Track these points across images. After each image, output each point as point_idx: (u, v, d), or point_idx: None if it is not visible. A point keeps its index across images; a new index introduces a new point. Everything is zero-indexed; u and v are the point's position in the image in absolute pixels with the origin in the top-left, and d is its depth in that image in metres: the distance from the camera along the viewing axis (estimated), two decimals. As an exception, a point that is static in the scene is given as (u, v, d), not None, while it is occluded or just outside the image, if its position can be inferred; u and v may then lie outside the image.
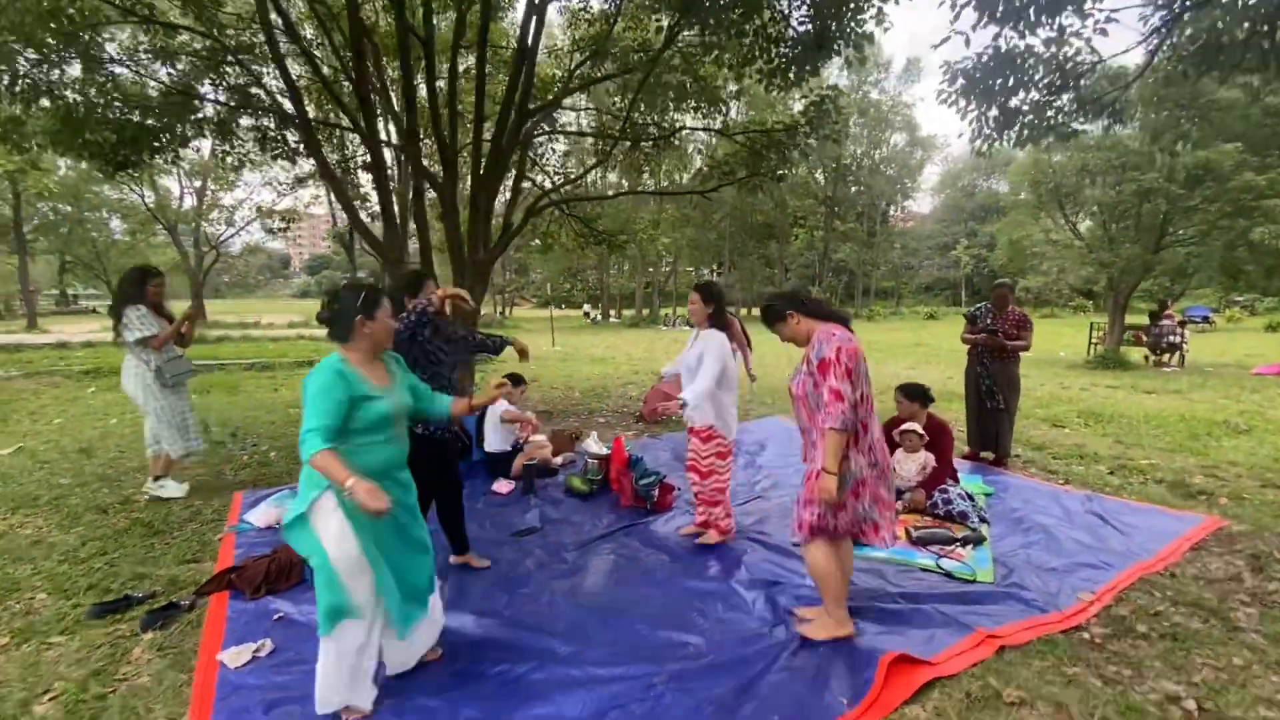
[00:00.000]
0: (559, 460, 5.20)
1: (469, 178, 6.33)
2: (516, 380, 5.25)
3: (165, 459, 4.27)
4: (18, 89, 5.11)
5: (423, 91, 6.10)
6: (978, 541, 3.58)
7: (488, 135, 5.72)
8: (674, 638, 2.65)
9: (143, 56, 6.16)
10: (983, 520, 3.89)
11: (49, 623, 2.72)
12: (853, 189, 41.72)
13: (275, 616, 2.81)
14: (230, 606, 2.88)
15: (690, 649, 2.56)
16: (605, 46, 6.57)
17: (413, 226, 5.82)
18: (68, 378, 9.62)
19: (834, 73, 38.79)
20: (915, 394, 4.22)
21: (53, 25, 4.94)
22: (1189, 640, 2.66)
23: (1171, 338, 12.92)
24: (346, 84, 5.90)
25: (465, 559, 3.31)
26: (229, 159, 6.72)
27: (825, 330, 2.42)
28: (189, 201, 25.58)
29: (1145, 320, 13.90)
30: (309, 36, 6.65)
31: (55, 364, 10.23)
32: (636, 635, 2.68)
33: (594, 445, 4.78)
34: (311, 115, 7.31)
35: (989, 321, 5.07)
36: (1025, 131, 4.29)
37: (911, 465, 4.13)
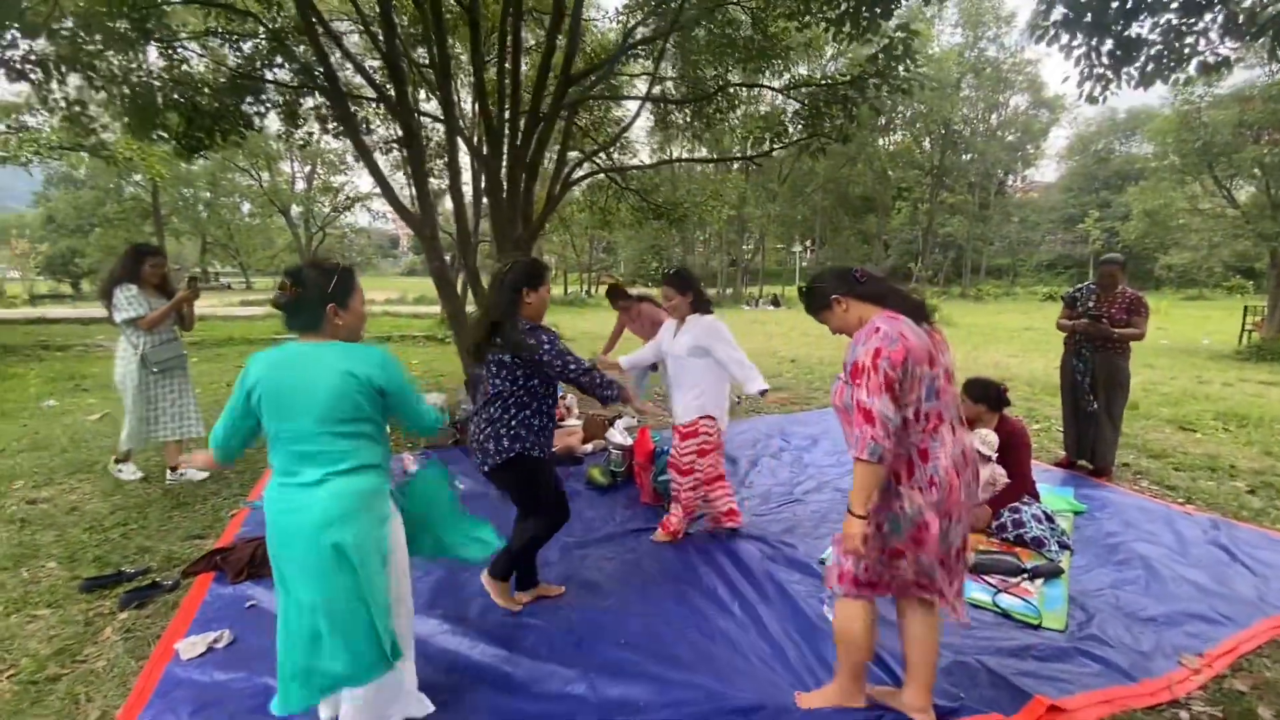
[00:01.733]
0: (588, 448, 4.93)
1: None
2: None
3: (124, 452, 4.18)
4: (93, 78, 5.38)
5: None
6: (1052, 574, 2.94)
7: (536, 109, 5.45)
8: (639, 678, 2.28)
9: (212, 41, 6.37)
10: (1063, 547, 3.21)
11: (43, 593, 2.78)
12: (964, 156, 38.24)
13: (248, 604, 2.72)
14: (210, 590, 2.83)
15: (641, 706, 2.13)
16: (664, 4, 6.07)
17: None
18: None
19: (946, 29, 35.53)
20: (981, 395, 3.54)
21: (124, 9, 5.13)
22: (1334, 738, 1.99)
23: (1354, 325, 10.74)
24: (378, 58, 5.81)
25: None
26: (294, 138, 6.89)
27: (871, 323, 1.76)
28: (300, 185, 27.50)
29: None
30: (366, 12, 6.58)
31: (171, 335, 11.31)
32: (602, 665, 2.34)
33: (619, 435, 4.46)
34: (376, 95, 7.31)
35: (1091, 305, 4.22)
36: (1149, 65, 3.42)
37: (975, 476, 3.49)
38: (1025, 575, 2.92)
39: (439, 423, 1.93)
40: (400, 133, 5.41)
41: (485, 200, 6.34)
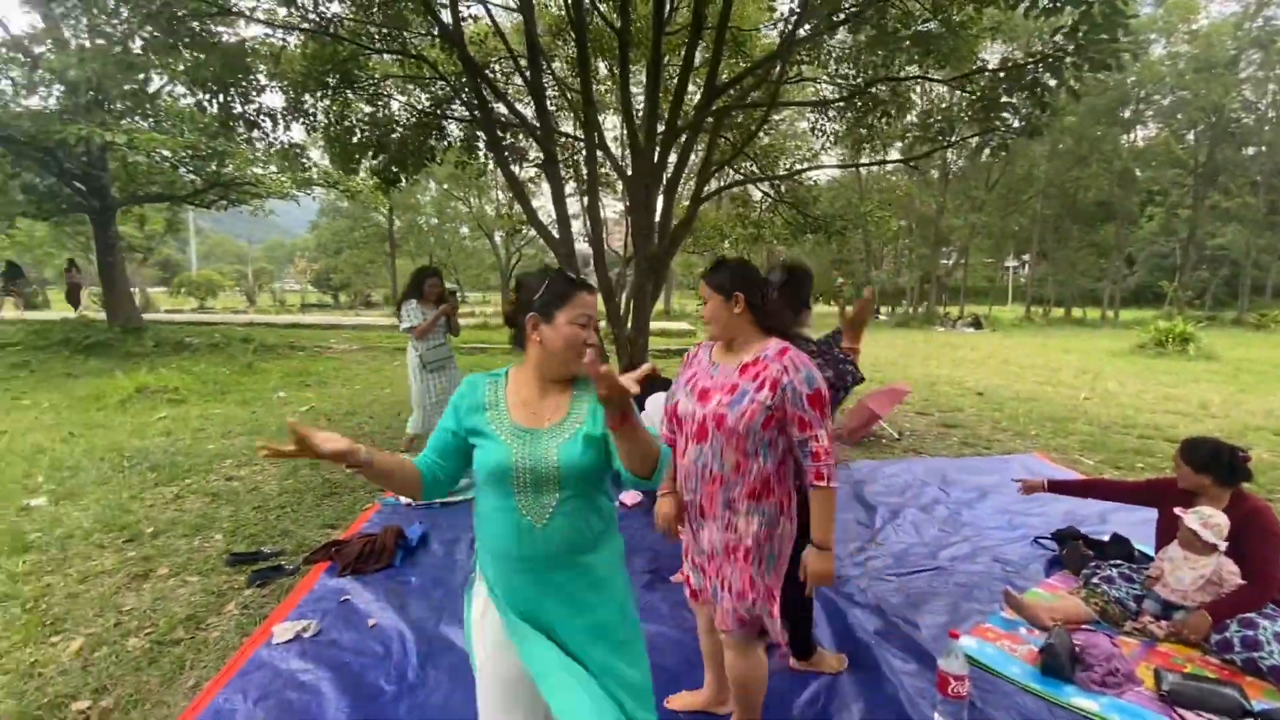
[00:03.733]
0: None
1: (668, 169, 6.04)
2: (666, 386, 4.84)
3: (409, 437, 4.95)
4: (310, 125, 6.41)
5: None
6: (1302, 730, 2.04)
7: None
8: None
9: (407, 86, 7.27)
10: (1331, 691, 2.23)
11: (200, 562, 3.24)
12: (1245, 150, 30.66)
13: (342, 599, 2.91)
14: (319, 580, 3.08)
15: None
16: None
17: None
18: (386, 352, 12.19)
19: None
20: (1206, 462, 2.62)
21: (334, 67, 6.05)
22: None
23: None
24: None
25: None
26: (469, 168, 7.60)
27: (800, 351, 1.73)
28: (504, 210, 30.74)
29: None
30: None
31: (381, 340, 13.15)
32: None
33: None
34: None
35: None
36: None
37: (1188, 573, 2.58)
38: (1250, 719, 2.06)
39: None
40: (542, 157, 5.64)
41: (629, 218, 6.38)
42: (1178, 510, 2.64)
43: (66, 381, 8.25)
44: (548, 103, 5.41)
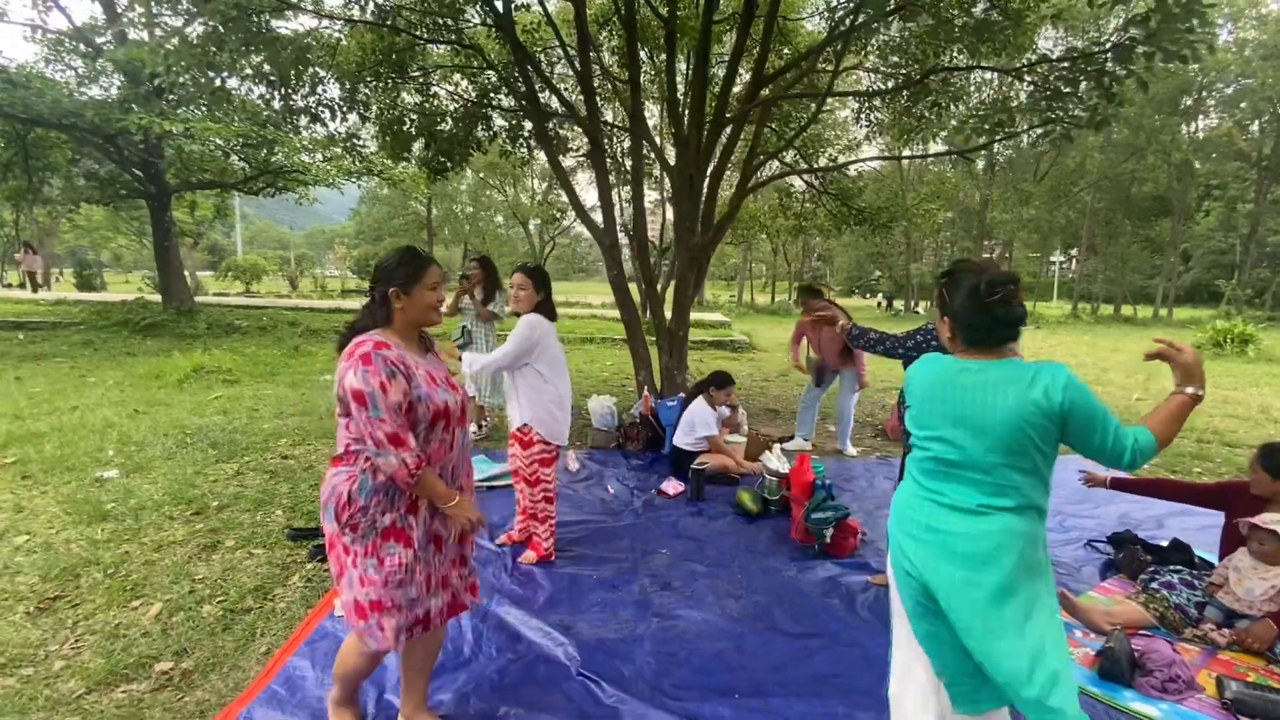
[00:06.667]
0: (756, 466, 4.66)
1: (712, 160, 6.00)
2: (723, 381, 4.76)
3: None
4: (365, 115, 6.53)
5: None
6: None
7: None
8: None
9: (455, 76, 7.35)
10: None
11: (264, 536, 3.38)
12: (1316, 140, 28.96)
13: (398, 576, 3.01)
14: (375, 556, 3.18)
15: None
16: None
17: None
18: (425, 338, 12.41)
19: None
20: (1280, 466, 2.54)
21: (389, 58, 6.15)
22: None
23: None
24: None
25: None
26: (511, 157, 7.66)
27: (352, 347, 1.66)
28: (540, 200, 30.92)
29: None
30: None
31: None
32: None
33: (774, 460, 4.10)
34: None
35: None
36: None
37: (1258, 583, 2.50)
38: (1327, 739, 2.00)
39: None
40: (589, 146, 5.66)
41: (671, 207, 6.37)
42: (1263, 517, 2.55)
43: (127, 360, 8.62)
44: (595, 93, 5.43)
